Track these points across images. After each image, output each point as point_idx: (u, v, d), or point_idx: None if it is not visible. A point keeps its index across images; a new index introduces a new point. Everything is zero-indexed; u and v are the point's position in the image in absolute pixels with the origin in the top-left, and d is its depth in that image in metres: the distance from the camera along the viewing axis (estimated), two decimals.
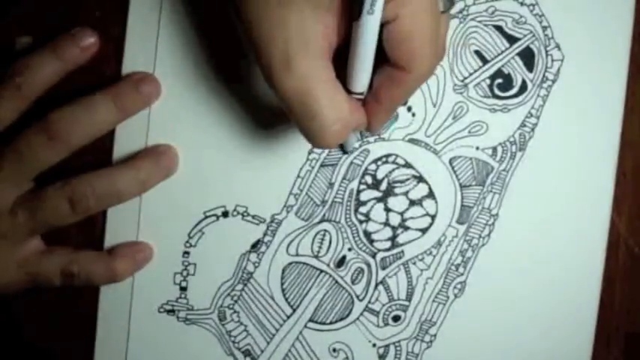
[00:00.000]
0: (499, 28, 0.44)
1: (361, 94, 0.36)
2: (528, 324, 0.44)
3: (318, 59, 0.34)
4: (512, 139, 0.44)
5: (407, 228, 0.44)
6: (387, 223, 0.44)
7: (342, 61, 0.35)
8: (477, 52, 0.44)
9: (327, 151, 0.44)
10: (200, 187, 0.44)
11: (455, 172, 0.44)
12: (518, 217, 0.44)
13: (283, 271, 0.44)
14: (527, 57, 0.44)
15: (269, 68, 0.34)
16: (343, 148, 0.44)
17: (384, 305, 0.44)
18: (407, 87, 0.35)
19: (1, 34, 0.44)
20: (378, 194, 0.44)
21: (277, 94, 0.34)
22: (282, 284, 0.44)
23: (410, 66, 0.34)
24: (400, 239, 0.44)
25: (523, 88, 0.44)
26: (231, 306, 0.44)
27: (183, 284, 0.44)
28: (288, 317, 0.44)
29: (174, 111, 0.43)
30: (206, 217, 0.44)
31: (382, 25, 0.33)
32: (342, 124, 0.35)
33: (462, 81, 0.44)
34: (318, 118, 0.34)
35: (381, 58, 0.35)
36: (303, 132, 0.35)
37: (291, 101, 0.34)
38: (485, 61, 0.44)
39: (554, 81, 0.44)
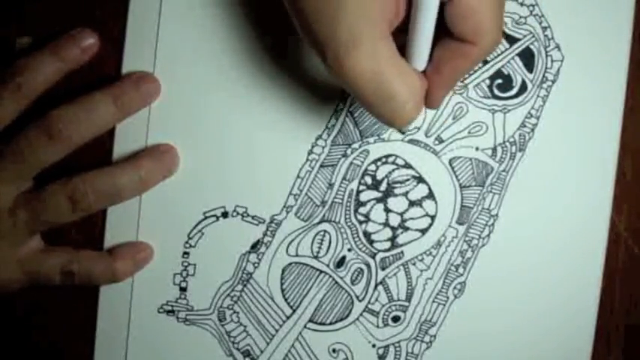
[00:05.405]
0: None
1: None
2: (528, 324, 0.44)
3: (384, 38, 0.33)
4: (512, 140, 0.44)
5: (407, 228, 0.44)
6: (386, 224, 0.44)
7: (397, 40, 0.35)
8: None
9: (326, 151, 0.44)
10: (200, 187, 0.44)
11: (455, 172, 0.44)
12: (518, 217, 0.44)
13: (283, 271, 0.44)
14: (527, 57, 0.44)
15: (336, 54, 0.33)
16: (402, 129, 0.43)
17: (383, 306, 0.44)
18: (472, 59, 0.35)
19: (1, 34, 0.44)
20: (377, 195, 0.44)
21: (347, 79, 0.34)
22: (281, 285, 0.44)
23: (476, 39, 0.34)
24: (400, 240, 0.44)
25: (523, 88, 0.44)
26: (230, 306, 0.44)
27: (183, 285, 0.44)
28: (288, 318, 0.44)
29: (174, 111, 0.44)
30: (206, 217, 0.44)
31: (443, 3, 0.33)
32: (416, 100, 0.35)
33: (462, 81, 0.44)
34: (395, 99, 0.34)
35: (441, 32, 0.35)
36: (378, 114, 0.35)
37: (364, 84, 0.33)
38: (484, 61, 0.44)
39: (553, 81, 0.44)
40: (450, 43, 0.35)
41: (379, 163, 0.44)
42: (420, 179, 0.44)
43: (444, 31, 0.35)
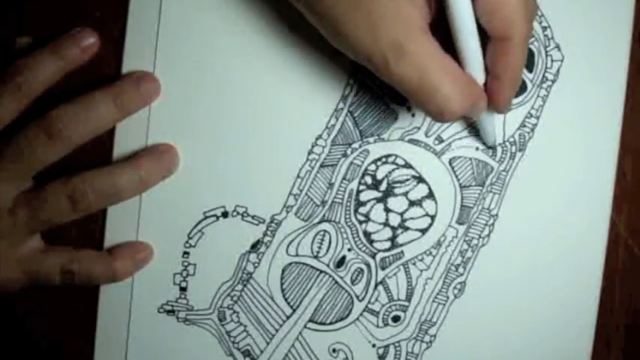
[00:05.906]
0: None
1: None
2: (528, 324, 0.44)
3: (424, 38, 0.35)
4: (512, 140, 0.44)
5: (407, 228, 0.44)
6: (386, 224, 0.44)
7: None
8: None
9: (326, 151, 0.44)
10: (200, 187, 0.44)
11: (455, 172, 0.44)
12: (518, 217, 0.44)
13: (283, 271, 0.44)
14: (527, 57, 0.44)
15: (383, 61, 0.34)
16: (487, 142, 0.43)
17: (383, 305, 0.44)
18: (514, 54, 0.36)
19: (1, 34, 0.44)
20: (377, 194, 0.44)
21: (395, 81, 0.35)
22: (281, 284, 0.44)
23: (508, 33, 0.35)
24: (400, 239, 0.44)
25: (523, 88, 0.44)
26: (230, 306, 0.44)
27: (183, 284, 0.44)
28: (288, 317, 0.44)
29: (174, 110, 0.44)
30: (206, 217, 0.44)
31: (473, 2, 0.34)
32: (463, 93, 0.35)
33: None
34: (440, 91, 0.35)
35: (485, 38, 0.36)
36: (427, 109, 0.36)
37: (411, 83, 0.35)
38: None
39: (553, 81, 0.44)
40: (491, 45, 0.36)
41: (379, 163, 0.44)
42: (420, 179, 0.44)
43: (487, 35, 0.36)
